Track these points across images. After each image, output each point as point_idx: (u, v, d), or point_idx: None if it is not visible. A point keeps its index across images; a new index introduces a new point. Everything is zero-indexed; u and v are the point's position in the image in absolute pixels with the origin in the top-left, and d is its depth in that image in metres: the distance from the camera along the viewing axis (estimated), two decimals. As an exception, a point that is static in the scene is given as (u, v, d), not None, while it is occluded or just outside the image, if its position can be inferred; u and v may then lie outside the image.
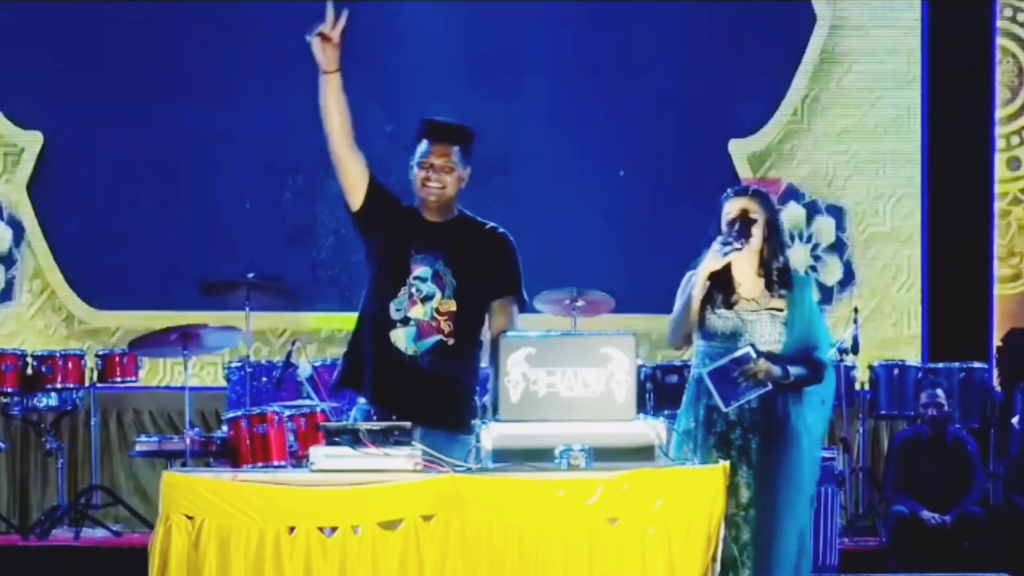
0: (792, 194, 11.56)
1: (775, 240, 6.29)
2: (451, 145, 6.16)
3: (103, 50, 11.30)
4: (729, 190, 6.37)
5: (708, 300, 6.23)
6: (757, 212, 6.25)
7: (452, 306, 6.07)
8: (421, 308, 6.03)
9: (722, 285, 6.24)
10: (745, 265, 6.24)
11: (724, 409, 6.10)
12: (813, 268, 11.53)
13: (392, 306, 6.04)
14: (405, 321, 6.03)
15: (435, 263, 6.08)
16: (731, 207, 6.26)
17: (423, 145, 6.19)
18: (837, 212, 11.62)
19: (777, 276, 6.26)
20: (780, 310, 6.23)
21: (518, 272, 6.18)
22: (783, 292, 6.26)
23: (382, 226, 6.14)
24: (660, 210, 11.17)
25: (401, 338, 6.02)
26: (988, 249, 11.61)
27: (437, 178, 6.10)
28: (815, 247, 11.56)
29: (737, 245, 6.12)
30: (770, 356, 6.14)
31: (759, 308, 6.23)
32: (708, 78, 11.46)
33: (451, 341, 6.01)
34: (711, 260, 6.14)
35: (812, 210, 11.58)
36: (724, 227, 6.21)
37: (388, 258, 6.12)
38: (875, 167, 11.60)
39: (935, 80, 11.58)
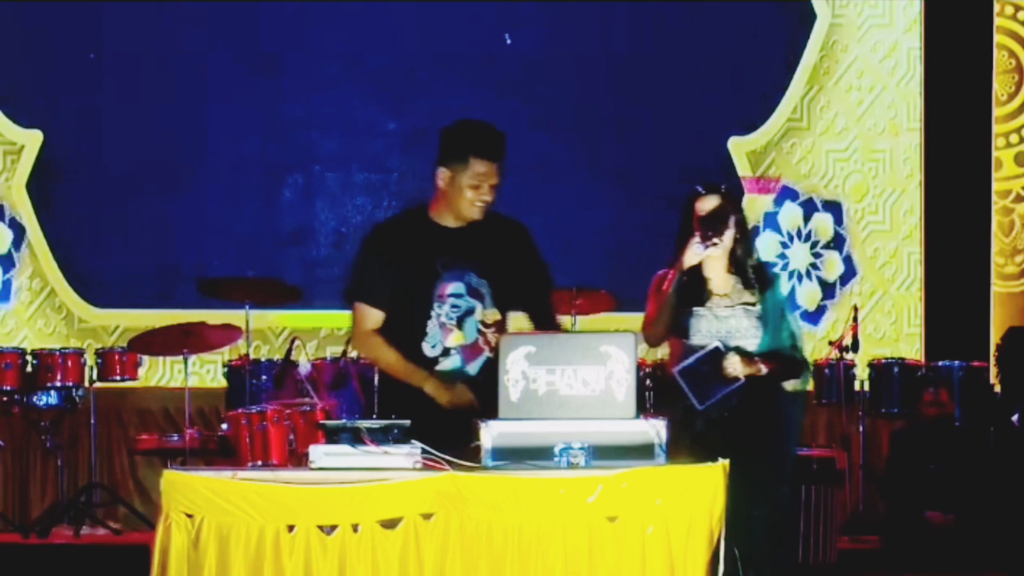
0: (788, 193, 11.56)
1: (745, 238, 6.35)
2: (501, 161, 5.87)
3: (103, 50, 11.29)
4: (699, 187, 6.43)
5: (681, 299, 6.27)
6: (728, 210, 6.32)
7: (497, 315, 5.88)
8: (459, 334, 5.84)
9: (694, 283, 6.28)
10: (716, 263, 6.30)
11: (699, 408, 6.08)
12: (814, 266, 11.53)
13: (426, 345, 5.84)
14: (445, 353, 5.85)
15: (466, 275, 5.86)
16: (704, 204, 6.31)
17: (478, 165, 5.81)
18: (834, 208, 11.61)
19: (753, 273, 6.32)
20: (753, 305, 6.27)
21: (545, 262, 6.02)
22: (757, 289, 6.31)
23: (398, 284, 5.88)
24: (660, 208, 11.15)
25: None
26: (987, 247, 11.61)
27: (488, 198, 5.85)
28: (814, 244, 11.56)
29: (716, 240, 6.18)
30: (742, 352, 6.16)
31: (732, 304, 6.28)
32: (708, 76, 11.45)
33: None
34: (689, 255, 6.18)
35: (809, 208, 11.58)
36: (698, 224, 6.26)
37: (406, 298, 5.85)
38: (874, 165, 11.60)
39: (933, 78, 11.58)
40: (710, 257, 6.23)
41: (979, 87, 11.63)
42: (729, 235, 6.28)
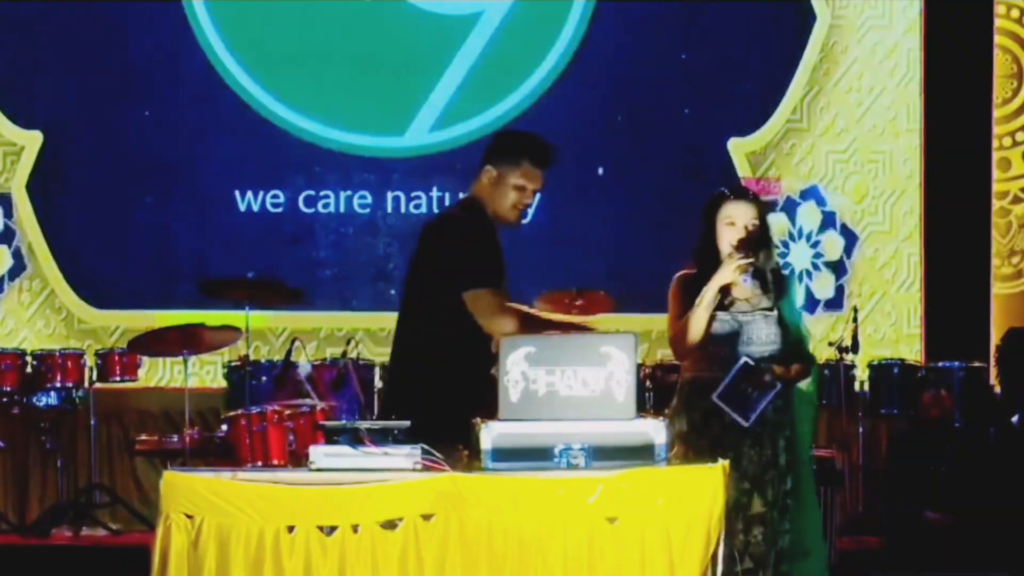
0: (814, 194, 11.53)
1: (769, 244, 6.32)
2: (547, 171, 6.06)
3: (103, 49, 11.29)
4: (726, 191, 6.34)
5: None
6: (759, 219, 6.26)
7: None
8: None
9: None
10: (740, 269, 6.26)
11: (746, 425, 6.07)
12: (808, 273, 11.50)
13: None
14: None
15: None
16: (738, 212, 6.23)
17: (529, 169, 5.96)
18: (851, 236, 11.55)
19: (772, 278, 6.28)
20: (771, 310, 6.25)
21: None
22: (774, 294, 6.28)
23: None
24: (660, 209, 11.16)
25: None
26: (987, 248, 11.61)
27: (530, 202, 6.02)
28: (818, 256, 11.52)
29: (753, 260, 6.13)
30: (769, 358, 6.15)
31: (752, 309, 6.25)
32: (708, 77, 11.45)
33: None
34: (728, 274, 6.11)
35: (828, 220, 11.52)
36: (736, 238, 6.17)
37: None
38: (874, 165, 11.60)
39: (934, 78, 11.58)
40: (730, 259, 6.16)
41: (979, 88, 11.63)
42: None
